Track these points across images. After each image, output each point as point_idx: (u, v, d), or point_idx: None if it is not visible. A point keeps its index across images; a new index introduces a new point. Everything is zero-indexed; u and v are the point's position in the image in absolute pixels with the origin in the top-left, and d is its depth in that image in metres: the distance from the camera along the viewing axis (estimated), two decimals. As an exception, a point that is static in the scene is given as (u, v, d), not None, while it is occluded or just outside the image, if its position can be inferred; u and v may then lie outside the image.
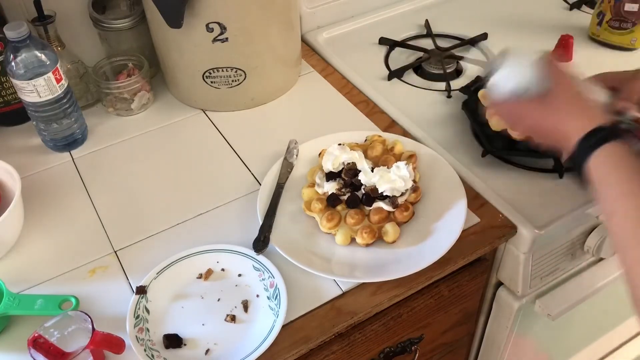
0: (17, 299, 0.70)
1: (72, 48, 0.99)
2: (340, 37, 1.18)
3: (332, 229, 0.77)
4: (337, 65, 1.10)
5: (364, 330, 0.77)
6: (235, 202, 0.85)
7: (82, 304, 0.71)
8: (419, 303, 0.81)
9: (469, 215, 0.79)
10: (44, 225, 0.83)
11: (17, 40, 0.82)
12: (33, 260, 0.78)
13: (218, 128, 0.98)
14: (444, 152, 0.89)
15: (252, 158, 0.92)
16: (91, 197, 0.87)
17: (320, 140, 0.89)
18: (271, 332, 0.67)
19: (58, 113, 0.90)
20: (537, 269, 0.85)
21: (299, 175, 0.86)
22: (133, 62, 1.01)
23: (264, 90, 1.02)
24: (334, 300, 0.72)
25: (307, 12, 1.16)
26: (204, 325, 0.70)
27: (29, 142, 0.96)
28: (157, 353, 0.66)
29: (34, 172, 0.91)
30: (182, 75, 1.00)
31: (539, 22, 1.18)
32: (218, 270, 0.75)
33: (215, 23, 0.89)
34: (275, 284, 0.71)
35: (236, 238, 0.78)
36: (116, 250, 0.79)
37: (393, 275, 0.72)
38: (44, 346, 0.63)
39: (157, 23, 0.93)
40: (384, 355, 0.85)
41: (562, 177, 0.85)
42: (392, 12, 1.24)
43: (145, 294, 0.71)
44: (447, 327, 0.92)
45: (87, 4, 1.01)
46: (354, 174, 0.80)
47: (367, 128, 0.95)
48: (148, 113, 1.02)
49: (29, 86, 0.85)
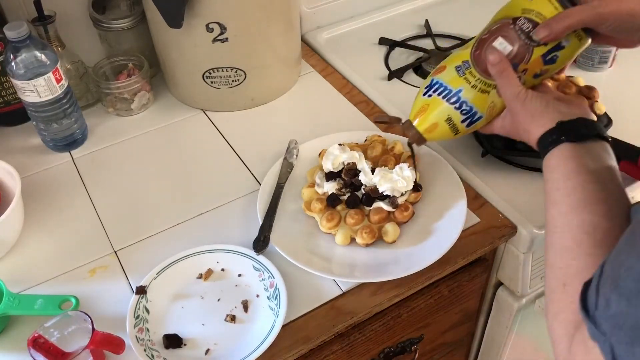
0: (17, 299, 0.70)
1: (72, 48, 0.99)
2: (340, 37, 1.18)
3: (332, 229, 0.77)
4: (337, 65, 1.10)
5: (364, 330, 0.77)
6: (235, 202, 0.85)
7: (82, 304, 0.71)
8: (419, 303, 0.81)
9: (469, 215, 0.79)
10: (44, 225, 0.83)
11: (17, 40, 0.82)
12: (33, 260, 0.78)
13: (218, 128, 0.98)
14: (444, 152, 0.89)
15: (252, 158, 0.92)
16: (91, 197, 0.87)
17: (320, 140, 0.89)
18: (271, 332, 0.67)
19: (58, 113, 0.90)
20: (537, 269, 0.85)
21: (299, 175, 0.86)
22: (133, 62, 1.02)
23: (264, 90, 1.02)
24: (334, 300, 0.72)
25: (307, 12, 1.16)
26: (204, 325, 0.70)
27: (29, 142, 0.96)
28: (157, 353, 0.66)
29: (34, 172, 0.91)
30: (182, 75, 1.00)
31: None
32: (218, 270, 0.75)
33: (215, 23, 0.89)
34: (275, 284, 0.71)
35: (236, 238, 0.78)
36: (116, 250, 0.79)
37: (393, 275, 0.72)
38: (44, 346, 0.63)
39: (157, 23, 0.93)
40: (384, 355, 0.85)
41: (562, 177, 0.85)
42: (392, 12, 1.24)
43: (145, 294, 0.71)
44: (447, 327, 0.92)
45: (87, 4, 1.01)
46: (354, 174, 0.80)
47: (367, 128, 0.95)
48: (148, 113, 1.02)
49: (29, 86, 0.85)
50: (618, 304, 0.39)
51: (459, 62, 0.68)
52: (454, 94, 0.68)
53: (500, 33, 0.66)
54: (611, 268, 0.41)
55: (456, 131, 0.70)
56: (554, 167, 0.58)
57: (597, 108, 0.91)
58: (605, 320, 0.40)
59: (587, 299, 0.42)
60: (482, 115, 0.69)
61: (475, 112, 0.68)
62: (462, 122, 0.69)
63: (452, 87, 0.68)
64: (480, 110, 0.68)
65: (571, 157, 0.57)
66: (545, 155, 0.59)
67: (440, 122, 0.70)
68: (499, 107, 0.68)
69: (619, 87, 1.01)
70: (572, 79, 0.96)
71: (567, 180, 0.55)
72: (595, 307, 0.41)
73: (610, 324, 0.39)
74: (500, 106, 0.68)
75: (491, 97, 0.67)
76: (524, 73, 0.65)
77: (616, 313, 0.39)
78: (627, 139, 0.85)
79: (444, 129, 0.70)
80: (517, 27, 0.64)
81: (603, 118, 0.90)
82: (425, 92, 0.70)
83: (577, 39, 0.64)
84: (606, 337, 0.40)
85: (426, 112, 0.70)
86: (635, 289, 0.38)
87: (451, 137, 0.71)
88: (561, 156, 0.57)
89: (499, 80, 0.65)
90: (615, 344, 0.39)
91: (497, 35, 0.66)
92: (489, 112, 0.69)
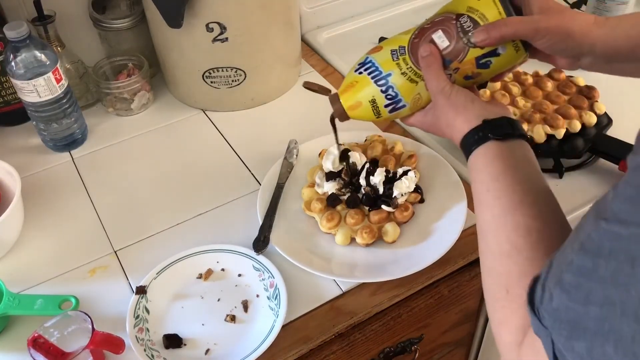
0: (17, 299, 0.70)
1: (72, 48, 0.99)
2: (340, 37, 1.18)
3: (332, 229, 0.77)
4: (337, 65, 1.10)
5: (364, 330, 0.77)
6: (235, 202, 0.85)
7: (82, 304, 0.71)
8: (419, 303, 0.81)
9: (469, 215, 0.79)
10: (44, 225, 0.83)
11: (17, 40, 0.82)
12: (33, 260, 0.78)
13: (218, 128, 0.98)
14: (444, 152, 0.89)
15: (252, 158, 0.92)
16: (91, 197, 0.87)
17: (320, 140, 0.89)
18: (271, 332, 0.67)
19: (58, 113, 0.90)
20: (537, 269, 0.85)
21: (299, 175, 0.86)
22: (133, 62, 1.02)
23: (264, 90, 1.02)
24: (334, 300, 0.72)
25: (307, 12, 1.16)
26: (204, 325, 0.70)
27: (29, 142, 0.96)
28: (157, 353, 0.66)
29: (34, 172, 0.91)
30: (182, 75, 1.00)
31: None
32: (218, 270, 0.75)
33: (215, 23, 0.89)
34: (275, 284, 0.71)
35: (236, 238, 0.78)
36: (116, 250, 0.79)
37: (393, 275, 0.72)
38: (44, 346, 0.63)
39: (157, 23, 0.93)
40: (384, 355, 0.85)
41: (561, 177, 0.85)
42: (392, 12, 1.24)
43: (145, 294, 0.71)
44: (447, 327, 0.92)
45: (87, 4, 1.01)
46: (354, 174, 0.80)
47: (367, 128, 0.95)
48: (148, 113, 1.02)
49: (29, 86, 0.85)
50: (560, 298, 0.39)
51: (395, 46, 0.67)
52: (383, 77, 0.67)
53: (441, 26, 0.65)
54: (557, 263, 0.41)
55: (378, 114, 0.69)
56: (482, 167, 0.57)
57: (597, 108, 0.91)
58: (548, 315, 0.40)
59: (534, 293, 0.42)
60: (406, 104, 0.68)
61: (399, 100, 0.68)
62: (385, 107, 0.68)
63: (382, 69, 0.67)
64: (405, 99, 0.68)
65: (498, 157, 0.56)
66: (471, 152, 0.59)
67: (364, 101, 0.69)
68: (424, 100, 0.68)
69: (619, 87, 1.01)
70: (572, 79, 0.96)
71: (495, 181, 0.55)
72: (540, 301, 0.41)
73: (553, 318, 0.40)
74: (425, 100, 0.68)
75: (419, 88, 0.67)
76: (455, 71, 0.65)
77: (558, 307, 0.39)
78: (627, 139, 0.85)
79: (366, 110, 0.69)
80: (459, 24, 0.63)
81: (603, 118, 0.90)
82: (357, 69, 0.69)
83: (514, 49, 0.63)
84: (548, 332, 0.40)
85: (353, 89, 0.69)
86: (575, 283, 0.38)
87: (373, 119, 0.70)
88: (488, 155, 0.57)
89: (426, 73, 0.64)
90: (555, 337, 0.39)
91: (438, 28, 0.65)
92: (413, 103, 0.68)
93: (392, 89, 0.67)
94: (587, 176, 0.85)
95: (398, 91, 0.67)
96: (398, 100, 0.68)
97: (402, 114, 0.69)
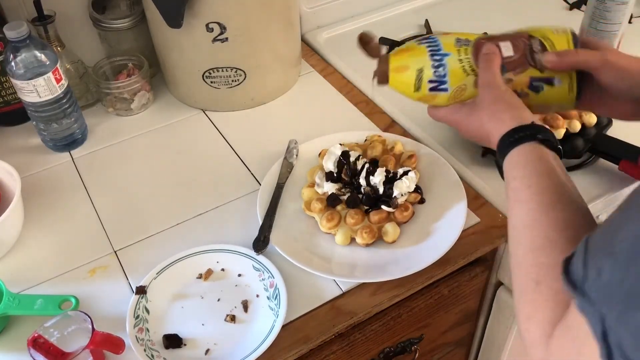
0: (17, 299, 0.70)
1: (72, 48, 0.99)
2: (340, 37, 1.18)
3: (332, 229, 0.77)
4: (337, 65, 1.10)
5: (364, 330, 0.77)
6: (235, 202, 0.85)
7: (82, 304, 0.71)
8: (419, 303, 0.81)
9: (469, 215, 0.79)
10: (44, 225, 0.83)
11: (17, 40, 0.82)
12: (33, 260, 0.78)
13: (218, 128, 0.98)
14: (444, 152, 0.89)
15: (252, 158, 0.92)
16: (91, 197, 0.87)
17: (320, 140, 0.89)
18: (271, 332, 0.67)
19: (58, 113, 0.90)
20: (537, 269, 0.85)
21: (299, 175, 0.86)
22: (133, 62, 1.02)
23: (264, 90, 1.02)
24: (333, 300, 0.72)
25: (307, 12, 1.16)
26: (204, 325, 0.70)
27: (29, 142, 0.96)
28: (157, 353, 0.66)
29: (34, 172, 0.91)
30: (182, 75, 1.00)
31: (539, 22, 1.17)
32: (218, 270, 0.75)
33: (215, 23, 0.89)
34: (275, 284, 0.71)
35: (236, 238, 0.78)
36: (116, 250, 0.79)
37: (393, 275, 0.72)
38: (43, 346, 0.63)
39: (157, 23, 0.93)
40: (384, 355, 0.85)
41: (562, 177, 0.85)
42: (392, 12, 1.24)
43: (145, 294, 0.71)
44: (447, 327, 0.92)
45: (87, 4, 1.01)
46: (354, 174, 0.80)
47: (367, 128, 0.95)
48: (148, 113, 1.02)
49: (28, 86, 0.85)
50: (612, 271, 0.38)
51: (462, 37, 0.70)
52: (441, 54, 0.68)
53: (511, 39, 0.68)
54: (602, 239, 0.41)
55: (418, 87, 0.70)
56: (525, 163, 0.58)
57: (597, 108, 0.91)
58: (596, 291, 0.39)
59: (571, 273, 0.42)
60: (448, 88, 0.69)
61: (445, 82, 0.69)
62: (429, 82, 0.69)
63: (443, 47, 0.69)
64: (450, 83, 0.68)
65: (543, 158, 0.58)
66: (514, 147, 0.59)
67: (412, 67, 0.69)
68: (467, 95, 0.69)
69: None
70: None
71: (540, 177, 0.56)
72: (583, 279, 0.41)
73: (602, 293, 0.39)
74: (467, 95, 0.69)
75: (467, 80, 0.68)
76: (507, 82, 0.67)
77: (609, 281, 0.38)
78: (627, 139, 0.85)
79: (409, 77, 0.69)
80: (529, 43, 0.67)
81: (603, 118, 0.90)
82: (419, 40, 0.71)
83: (568, 87, 0.66)
84: (596, 308, 0.39)
85: (407, 53, 0.70)
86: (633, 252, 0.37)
87: (409, 91, 0.70)
88: (534, 153, 0.58)
89: (483, 67, 0.66)
90: (607, 312, 0.38)
91: (507, 39, 0.68)
92: (455, 92, 0.69)
93: (444, 68, 0.68)
94: (587, 176, 0.85)
95: (447, 72, 0.68)
96: (443, 82, 0.69)
97: (438, 98, 0.70)
